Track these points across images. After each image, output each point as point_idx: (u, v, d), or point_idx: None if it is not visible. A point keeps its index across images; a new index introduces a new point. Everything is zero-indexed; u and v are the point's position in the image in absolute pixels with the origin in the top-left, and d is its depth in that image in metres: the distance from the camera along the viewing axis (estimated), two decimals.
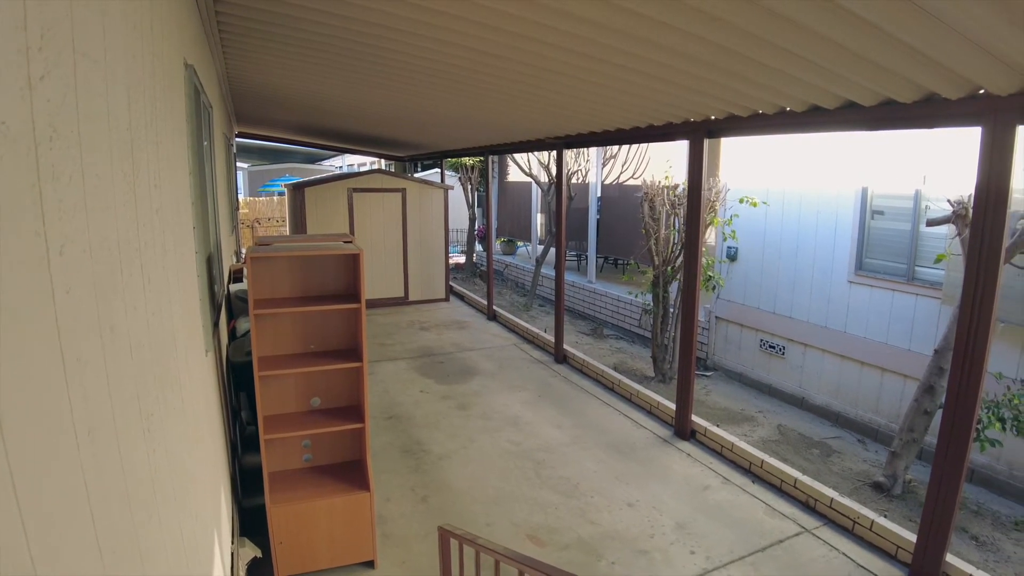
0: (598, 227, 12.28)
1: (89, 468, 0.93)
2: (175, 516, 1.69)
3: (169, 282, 1.94)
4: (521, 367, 7.97)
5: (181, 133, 2.57)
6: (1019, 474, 5.81)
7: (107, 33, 1.25)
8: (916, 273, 6.57)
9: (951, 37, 2.68)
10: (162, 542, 1.49)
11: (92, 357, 1.00)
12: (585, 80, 4.38)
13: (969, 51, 2.82)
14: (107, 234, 1.16)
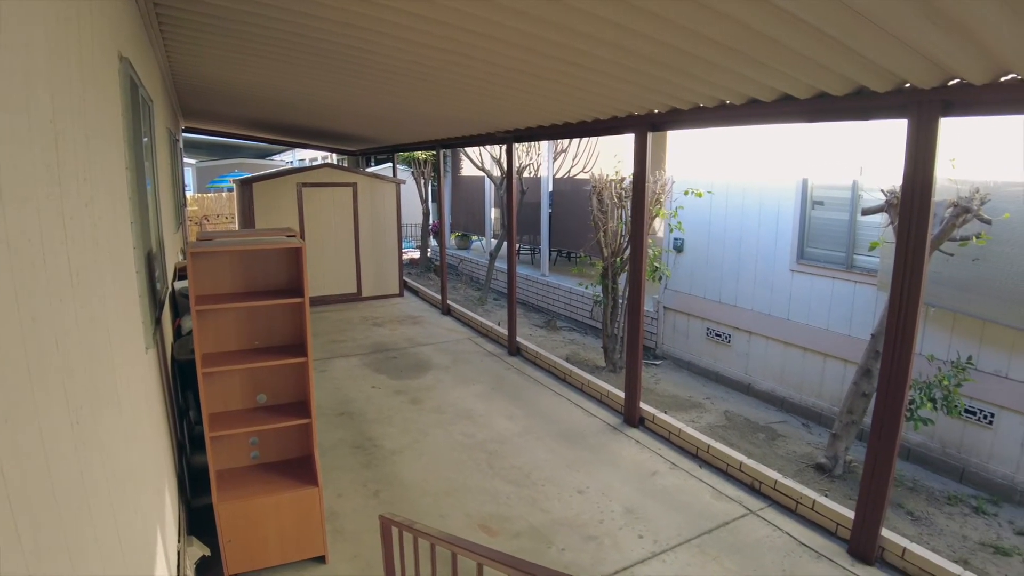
0: (550, 221, 12.36)
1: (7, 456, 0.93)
2: (110, 513, 1.68)
3: (103, 277, 1.91)
4: (475, 360, 8.00)
5: (116, 127, 2.52)
6: (951, 451, 6.07)
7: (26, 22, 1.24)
8: (854, 261, 6.79)
9: (877, 33, 2.78)
10: (94, 538, 1.47)
11: (10, 346, 1.00)
12: (532, 75, 4.42)
13: (894, 47, 2.94)
14: (27, 226, 1.15)
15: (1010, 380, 5.59)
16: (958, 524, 5.20)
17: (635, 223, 5.87)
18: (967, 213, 4.94)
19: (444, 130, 8.84)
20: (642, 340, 6.01)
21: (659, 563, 3.96)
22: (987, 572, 4.51)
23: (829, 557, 4.11)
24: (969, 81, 3.27)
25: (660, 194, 7.78)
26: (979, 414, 5.82)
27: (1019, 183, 5.35)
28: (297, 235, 4.04)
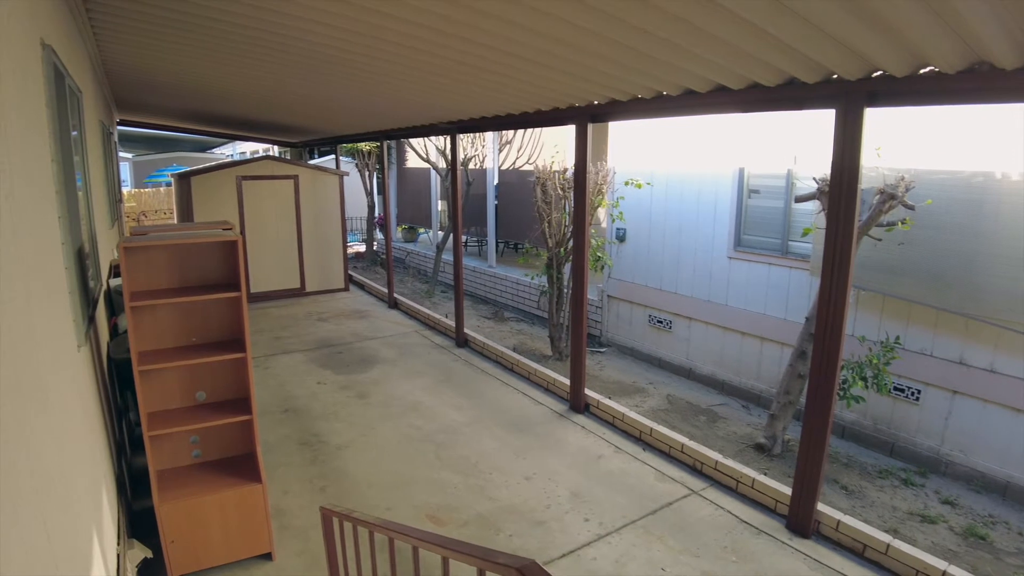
0: (497, 212, 12.39)
1: None
2: (38, 516, 1.64)
3: (28, 272, 1.87)
4: (422, 353, 8.00)
5: (39, 118, 2.44)
6: (882, 427, 6.36)
7: None
8: (789, 247, 7.03)
9: (804, 25, 2.90)
10: (19, 539, 1.44)
11: None
12: (474, 66, 4.43)
13: (821, 39, 3.06)
14: None
15: (935, 358, 5.89)
16: (889, 496, 5.45)
17: (577, 214, 5.96)
18: (893, 200, 5.16)
19: (387, 121, 8.78)
20: (586, 328, 6.11)
21: (605, 545, 4.05)
22: (915, 539, 4.74)
23: (769, 533, 4.28)
24: (891, 73, 3.42)
25: (602, 185, 7.89)
26: (907, 391, 6.11)
27: (941, 171, 5.61)
28: (234, 228, 3.98)
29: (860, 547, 4.06)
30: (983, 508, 5.34)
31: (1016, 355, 5.40)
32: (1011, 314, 5.30)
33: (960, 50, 2.99)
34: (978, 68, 3.15)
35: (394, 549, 2.43)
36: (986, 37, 2.76)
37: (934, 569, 3.72)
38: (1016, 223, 5.22)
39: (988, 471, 5.65)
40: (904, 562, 3.85)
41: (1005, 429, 5.53)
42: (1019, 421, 5.44)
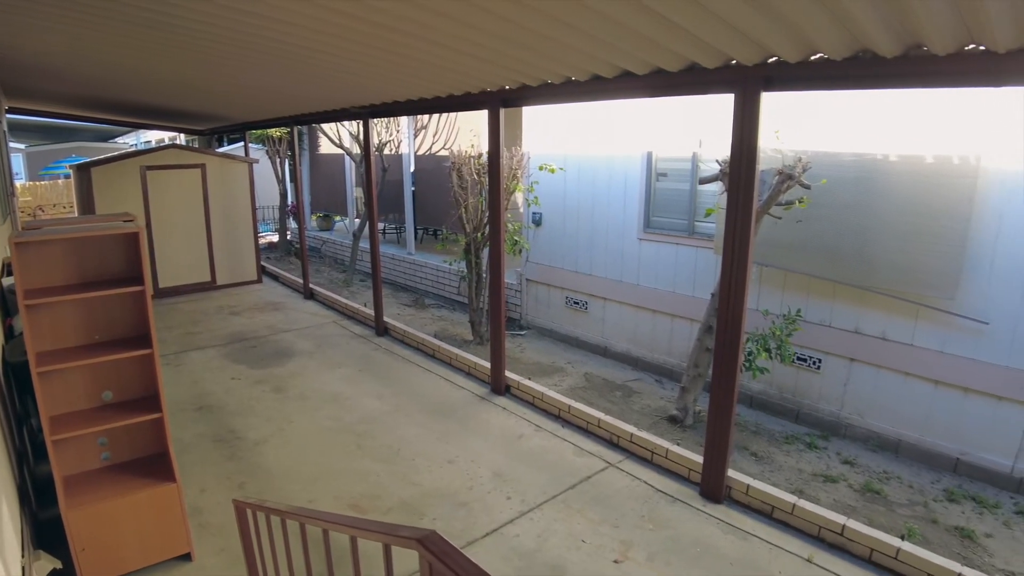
0: (414, 198, 12.30)
1: None
2: None
3: None
4: (341, 344, 7.91)
5: None
6: (787, 396, 6.73)
7: None
8: (695, 228, 7.29)
9: (704, 14, 3.03)
10: None
11: None
12: (383, 50, 4.39)
13: (719, 26, 3.20)
14: None
15: (833, 328, 6.26)
16: (794, 459, 5.78)
17: (492, 198, 6.01)
18: (790, 180, 5.44)
19: (297, 106, 8.57)
20: (505, 311, 6.20)
21: (527, 521, 4.16)
22: (818, 498, 5.04)
23: (683, 500, 4.49)
24: (785, 59, 3.61)
25: (517, 169, 7.97)
26: (809, 360, 6.48)
27: (834, 152, 5.94)
28: (136, 220, 3.84)
29: (769, 508, 4.32)
30: (878, 465, 5.73)
31: (905, 322, 5.81)
32: (900, 284, 5.69)
33: (846, 39, 3.19)
34: (862, 56, 3.36)
35: (306, 534, 2.45)
36: (868, 27, 2.95)
37: (835, 524, 4.00)
38: (902, 199, 5.60)
39: (882, 431, 6.07)
40: (809, 520, 4.13)
41: (896, 392, 5.95)
42: (908, 384, 5.86)
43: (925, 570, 3.67)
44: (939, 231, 5.45)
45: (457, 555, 1.60)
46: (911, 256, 5.60)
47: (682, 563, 3.81)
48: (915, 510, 5.02)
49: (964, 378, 5.54)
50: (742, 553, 3.94)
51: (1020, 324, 5.22)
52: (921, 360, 5.74)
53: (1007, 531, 4.79)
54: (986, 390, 5.45)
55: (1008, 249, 5.23)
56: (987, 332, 5.38)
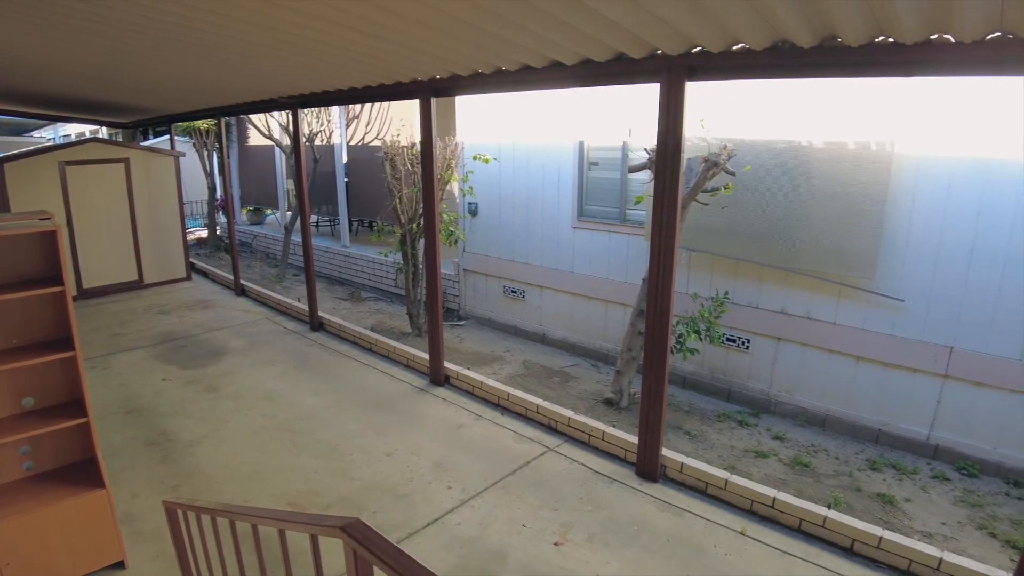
0: (348, 189, 12.11)
1: None
2: None
3: None
4: (274, 340, 7.78)
5: None
6: (718, 375, 6.94)
7: None
8: (627, 215, 7.43)
9: (630, 4, 3.08)
10: None
11: None
12: (313, 39, 4.30)
13: (643, 16, 3.27)
14: None
15: (760, 309, 6.48)
16: (727, 437, 5.97)
17: (426, 188, 6.00)
18: (716, 167, 5.60)
19: (224, 97, 8.33)
20: (441, 302, 6.20)
21: (468, 509, 4.19)
22: (750, 473, 5.23)
23: (620, 480, 4.60)
24: (709, 49, 3.71)
25: (451, 159, 7.95)
26: (738, 341, 6.70)
27: (759, 140, 6.13)
28: (54, 217, 3.69)
29: (703, 485, 4.47)
30: (806, 440, 5.98)
31: (828, 302, 6.06)
32: (823, 265, 5.94)
33: (766, 30, 3.30)
34: (781, 46, 3.48)
35: (237, 531, 2.43)
36: (786, 19, 3.06)
37: (766, 497, 4.17)
38: (823, 184, 5.83)
39: (810, 407, 6.34)
40: (741, 494, 4.29)
41: (821, 369, 6.21)
42: (832, 361, 6.13)
43: (850, 536, 3.87)
44: (858, 214, 5.70)
45: (381, 541, 1.62)
46: (833, 238, 5.84)
47: (620, 542, 3.91)
48: (841, 480, 5.26)
49: (883, 353, 5.83)
50: (678, 529, 4.07)
51: (933, 301, 5.52)
52: (844, 337, 6.01)
53: (924, 495, 5.07)
54: (903, 364, 5.74)
55: (921, 230, 5.52)
56: (903, 309, 5.66)
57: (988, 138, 5.15)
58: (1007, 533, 4.56)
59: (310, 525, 1.90)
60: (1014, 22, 2.79)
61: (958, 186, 5.32)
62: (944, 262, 5.45)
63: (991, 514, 4.84)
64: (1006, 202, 5.13)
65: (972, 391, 5.48)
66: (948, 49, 3.09)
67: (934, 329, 5.55)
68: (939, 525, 4.68)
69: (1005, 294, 5.22)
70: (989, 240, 5.23)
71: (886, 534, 3.79)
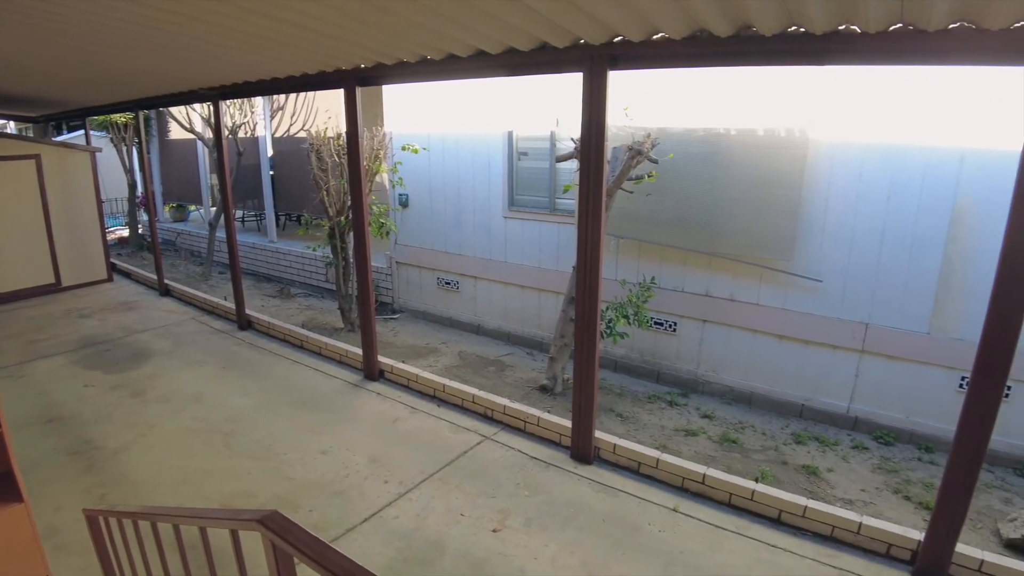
0: (274, 183, 11.80)
1: None
2: None
3: None
4: (201, 341, 7.55)
5: None
6: (648, 358, 7.12)
7: None
8: (557, 205, 7.52)
9: None
10: None
11: None
12: (232, 28, 4.18)
13: (565, 5, 3.30)
14: None
15: (686, 293, 6.66)
16: (658, 417, 6.13)
17: (353, 180, 5.92)
18: (640, 155, 5.71)
19: (142, 88, 8.00)
20: (373, 296, 6.16)
21: (405, 502, 4.19)
22: (681, 451, 5.38)
23: (556, 464, 4.67)
24: (630, 38, 3.77)
25: (379, 150, 7.85)
26: (665, 324, 6.87)
27: (680, 128, 6.28)
28: None
29: (635, 465, 4.58)
30: (734, 417, 6.20)
31: (750, 284, 6.28)
32: (744, 249, 6.14)
33: (684, 19, 3.38)
34: (700, 35, 3.58)
35: (159, 533, 2.37)
36: (703, 9, 3.15)
37: (696, 474, 4.31)
38: (743, 170, 6.02)
39: (736, 385, 6.56)
40: (673, 472, 4.42)
41: (746, 348, 6.44)
42: (756, 340, 6.35)
43: (777, 507, 4.05)
44: (776, 199, 5.91)
45: (299, 531, 1.62)
46: (753, 223, 6.04)
47: (557, 525, 3.98)
48: (767, 454, 5.48)
49: (804, 331, 6.08)
50: (612, 509, 4.16)
51: (849, 281, 5.79)
52: (766, 318, 6.24)
53: (845, 464, 5.34)
54: (823, 341, 6.01)
55: (837, 214, 5.77)
56: (821, 289, 5.92)
57: (896, 125, 5.43)
58: (920, 495, 4.84)
59: (228, 520, 1.87)
60: (913, 14, 2.94)
61: (870, 171, 5.58)
62: (859, 244, 5.72)
63: (906, 479, 5.13)
64: (912, 186, 5.43)
65: (887, 364, 5.77)
66: (855, 39, 3.24)
67: (851, 307, 5.83)
68: (859, 492, 4.93)
69: (914, 273, 5.52)
70: (898, 222, 5.52)
71: (810, 503, 3.98)
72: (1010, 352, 3.16)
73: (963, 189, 5.25)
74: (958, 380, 5.37)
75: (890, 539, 3.73)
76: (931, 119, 5.28)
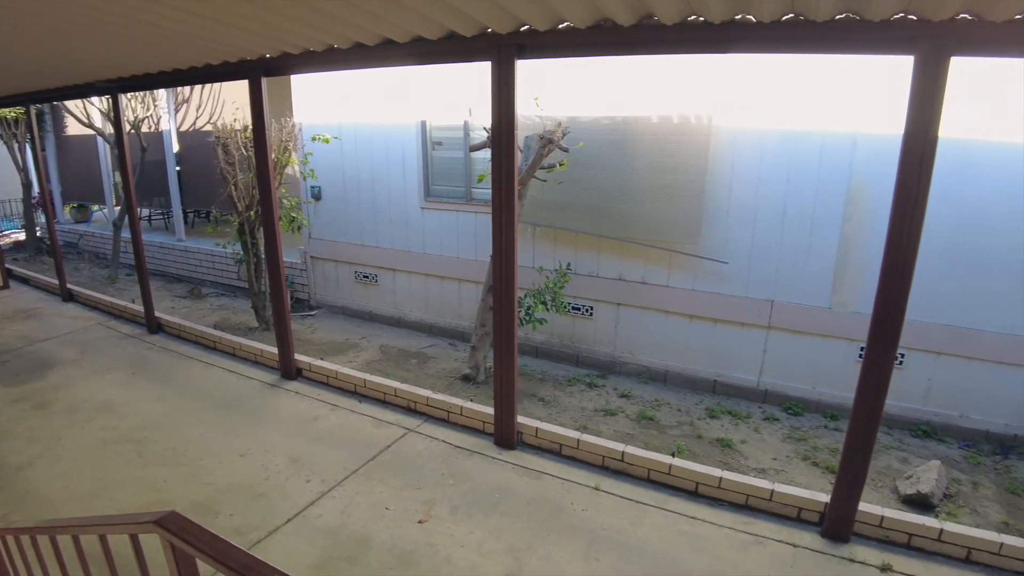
0: (180, 179, 11.32)
1: None
2: None
3: None
4: (109, 347, 7.21)
5: None
6: (567, 343, 7.25)
7: None
8: (473, 194, 7.53)
9: None
10: None
11: None
12: (127, 16, 4.00)
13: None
14: None
15: (600, 278, 6.81)
16: (578, 399, 6.26)
17: (260, 173, 5.76)
18: (551, 144, 5.79)
19: (29, 81, 7.52)
20: (287, 293, 6.02)
21: (329, 500, 4.14)
22: (600, 431, 5.50)
23: (480, 452, 4.72)
24: (536, 27, 3.81)
25: (288, 141, 7.65)
26: (582, 309, 7.02)
27: (591, 117, 6.40)
28: None
29: (557, 447, 4.68)
30: (651, 395, 6.39)
31: (661, 268, 6.47)
32: (654, 234, 6.33)
33: (588, 9, 3.44)
34: (604, 24, 3.65)
35: (59, 547, 2.29)
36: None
37: (616, 452, 4.44)
38: (651, 157, 6.19)
39: (651, 365, 6.76)
40: (593, 451, 4.54)
41: (658, 329, 6.65)
42: (669, 321, 6.57)
43: (694, 480, 4.21)
44: (682, 184, 6.11)
45: (198, 530, 1.60)
46: (661, 208, 6.23)
47: (482, 511, 4.02)
48: (683, 429, 5.68)
49: (713, 311, 6.33)
50: (536, 491, 4.24)
51: (754, 261, 6.05)
52: (677, 299, 6.46)
53: (757, 436, 5.59)
54: (732, 319, 6.26)
55: (740, 197, 6.01)
56: (728, 270, 6.16)
57: (794, 111, 5.70)
58: (827, 461, 5.13)
59: (126, 525, 1.83)
60: (803, 4, 3.09)
61: (770, 156, 5.84)
62: (761, 225, 5.98)
63: (814, 446, 5.42)
64: (810, 169, 5.71)
65: (792, 339, 6.07)
66: (752, 28, 3.37)
67: (756, 286, 6.09)
68: (771, 461, 5.18)
69: (814, 251, 5.82)
70: (798, 204, 5.81)
71: (725, 474, 4.16)
72: (899, 322, 3.39)
73: (856, 171, 5.56)
74: (858, 351, 5.71)
75: (800, 503, 3.94)
76: (826, 105, 5.57)
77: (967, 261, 5.32)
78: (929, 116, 3.12)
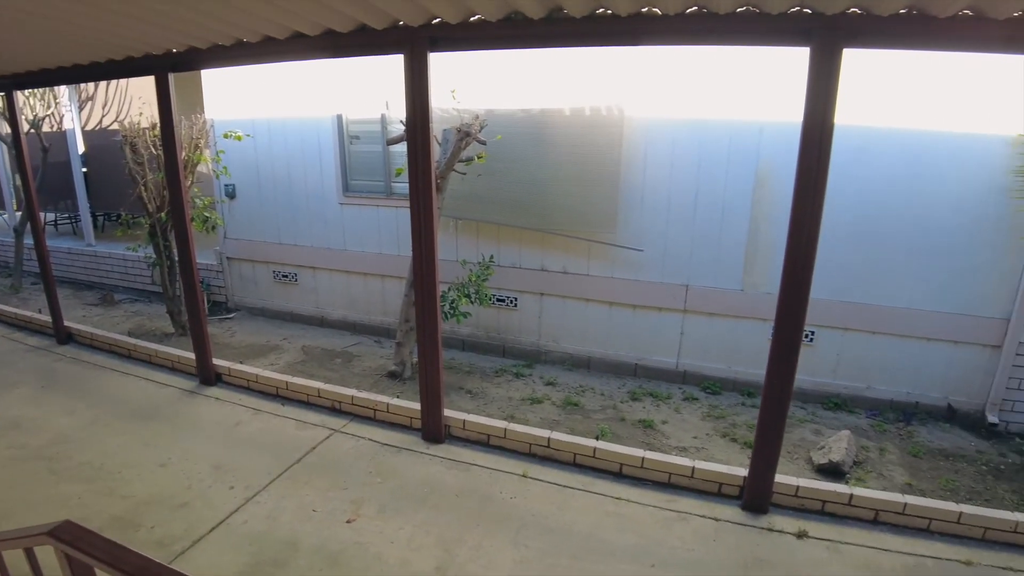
0: (87, 180, 10.76)
1: None
2: None
3: None
4: (15, 360, 6.82)
5: None
6: (493, 334, 7.31)
7: None
8: (393, 189, 7.46)
9: None
10: None
11: None
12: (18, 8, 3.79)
13: None
14: None
15: (523, 269, 6.89)
16: (504, 390, 6.31)
17: (170, 172, 5.55)
18: (468, 137, 5.79)
19: None
20: (202, 295, 5.86)
21: (254, 505, 4.06)
22: (527, 419, 5.57)
23: (408, 448, 4.72)
24: (447, 20, 3.82)
25: (199, 139, 7.40)
26: (507, 300, 7.08)
27: (508, 110, 6.44)
28: None
29: (485, 438, 4.73)
30: (575, 382, 6.51)
31: (580, 257, 6.59)
32: (573, 224, 6.44)
33: (498, 2, 3.47)
34: (515, 17, 3.68)
35: None
36: None
37: (542, 439, 4.53)
38: (567, 148, 6.29)
39: (575, 352, 6.89)
40: (520, 440, 4.62)
41: (580, 317, 6.78)
42: (589, 308, 6.70)
43: (618, 461, 4.34)
44: (598, 174, 6.23)
45: (92, 537, 1.56)
46: (578, 199, 6.34)
47: (411, 507, 4.02)
48: (607, 413, 5.81)
49: (631, 297, 6.49)
50: (465, 483, 4.27)
51: (668, 247, 6.24)
52: (597, 287, 6.60)
53: (678, 415, 5.78)
54: (649, 304, 6.44)
55: (654, 186, 6.18)
56: (644, 257, 6.33)
57: (703, 101, 5.89)
58: (745, 436, 5.35)
59: (17, 540, 1.76)
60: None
61: (682, 144, 6.02)
62: (675, 212, 6.16)
63: (732, 423, 5.65)
64: (720, 156, 5.92)
65: (707, 321, 6.29)
66: (658, 20, 3.47)
67: (672, 271, 6.28)
68: (692, 439, 5.36)
69: (725, 236, 6.04)
70: (709, 190, 6.02)
71: (648, 454, 4.30)
72: (804, 301, 3.58)
73: (763, 157, 5.79)
74: (770, 330, 5.95)
75: (720, 479, 4.12)
76: (735, 95, 5.78)
77: (869, 241, 5.64)
78: (825, 105, 3.29)
